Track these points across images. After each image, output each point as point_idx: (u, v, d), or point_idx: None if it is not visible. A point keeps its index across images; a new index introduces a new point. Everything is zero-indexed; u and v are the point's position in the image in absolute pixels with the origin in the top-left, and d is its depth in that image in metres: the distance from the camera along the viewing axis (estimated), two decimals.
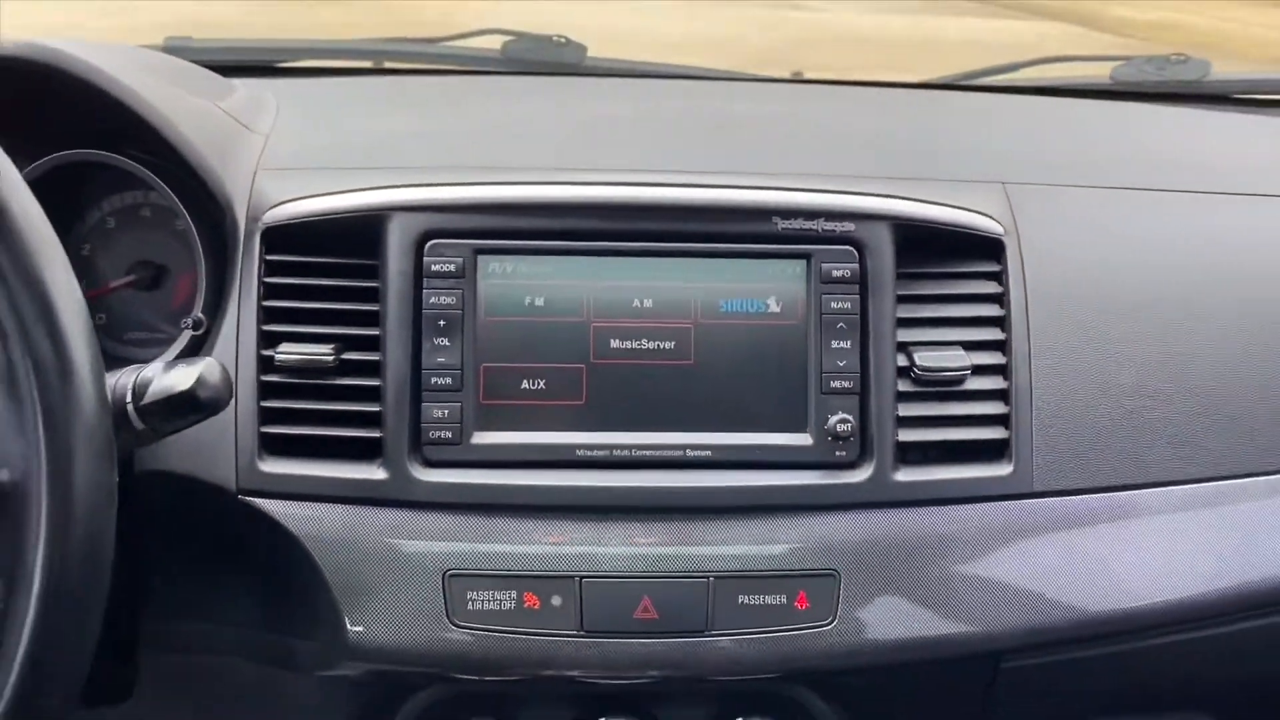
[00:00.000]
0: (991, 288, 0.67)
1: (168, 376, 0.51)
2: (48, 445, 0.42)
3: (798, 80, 1.11)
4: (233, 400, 0.56)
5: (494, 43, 1.08)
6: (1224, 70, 1.13)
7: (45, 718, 0.44)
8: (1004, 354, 0.66)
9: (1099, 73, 1.12)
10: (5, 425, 0.43)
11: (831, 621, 0.62)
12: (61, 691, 0.45)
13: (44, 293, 0.45)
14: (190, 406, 0.51)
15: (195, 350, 0.64)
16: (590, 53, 1.06)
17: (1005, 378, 0.66)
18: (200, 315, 0.63)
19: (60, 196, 0.67)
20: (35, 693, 0.43)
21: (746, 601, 0.61)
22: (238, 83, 0.81)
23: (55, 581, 0.43)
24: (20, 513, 0.43)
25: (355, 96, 0.95)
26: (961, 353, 0.65)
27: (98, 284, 0.70)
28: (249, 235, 0.65)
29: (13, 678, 0.42)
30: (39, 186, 0.49)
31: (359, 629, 0.61)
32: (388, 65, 1.10)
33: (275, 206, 0.65)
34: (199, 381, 0.51)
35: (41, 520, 0.42)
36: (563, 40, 1.05)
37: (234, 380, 0.57)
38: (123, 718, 0.67)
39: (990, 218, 0.68)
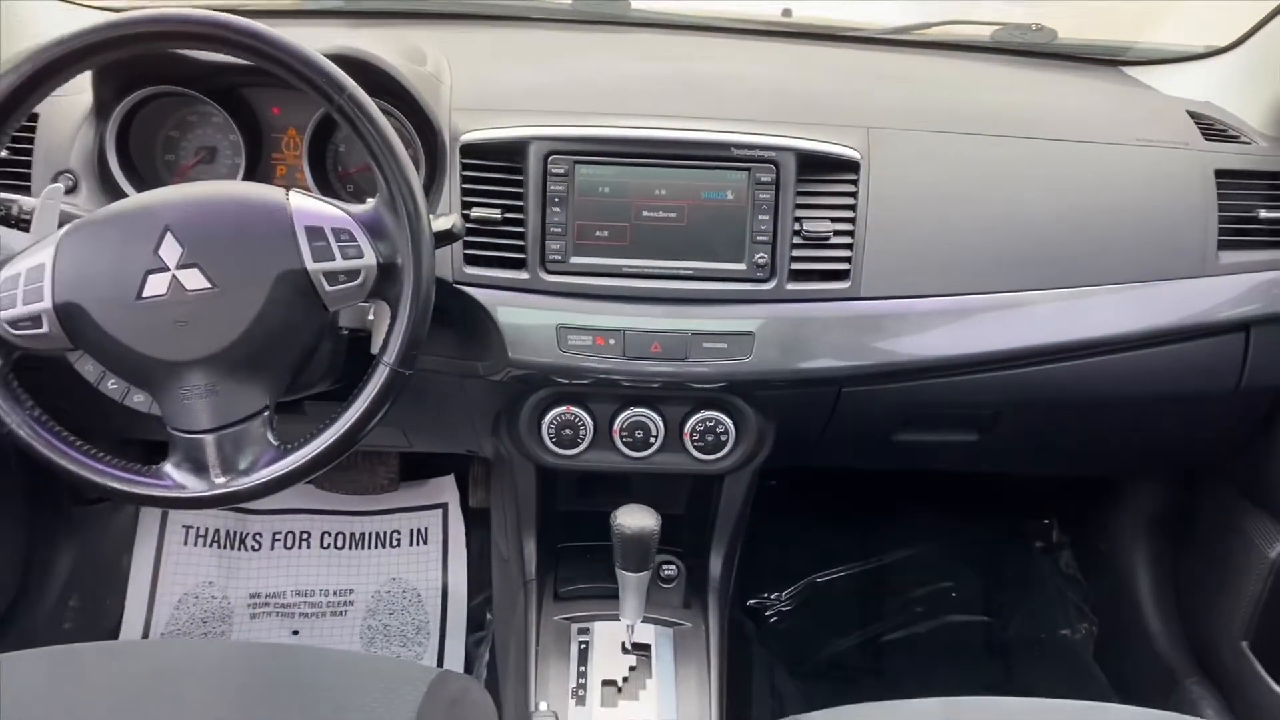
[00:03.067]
0: (850, 189, 1.22)
1: (438, 221, 1.07)
2: (411, 245, 0.99)
3: (771, 31, 1.57)
4: None
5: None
6: (1067, 38, 1.62)
7: (409, 364, 1.01)
8: (852, 226, 1.21)
9: (983, 33, 1.62)
10: (395, 232, 1.00)
11: (749, 358, 1.20)
12: (415, 354, 1.01)
13: (405, 166, 0.99)
14: (450, 236, 1.08)
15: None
16: (632, 5, 1.57)
17: (852, 237, 1.22)
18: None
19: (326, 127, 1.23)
20: (411, 346, 1.00)
21: (707, 345, 1.19)
22: (424, 45, 1.34)
23: (416, 307, 0.99)
24: (399, 279, 1.00)
25: (477, 47, 1.43)
26: (829, 224, 1.21)
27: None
28: (451, 149, 1.20)
29: (404, 340, 0.99)
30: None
31: (514, 354, 1.20)
32: (488, 13, 1.54)
33: (466, 134, 1.20)
34: (455, 225, 1.07)
35: (406, 282, 0.99)
36: None
37: None
38: None
39: (853, 149, 1.22)
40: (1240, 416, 1.37)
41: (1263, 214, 1.29)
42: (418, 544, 1.88)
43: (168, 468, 1.01)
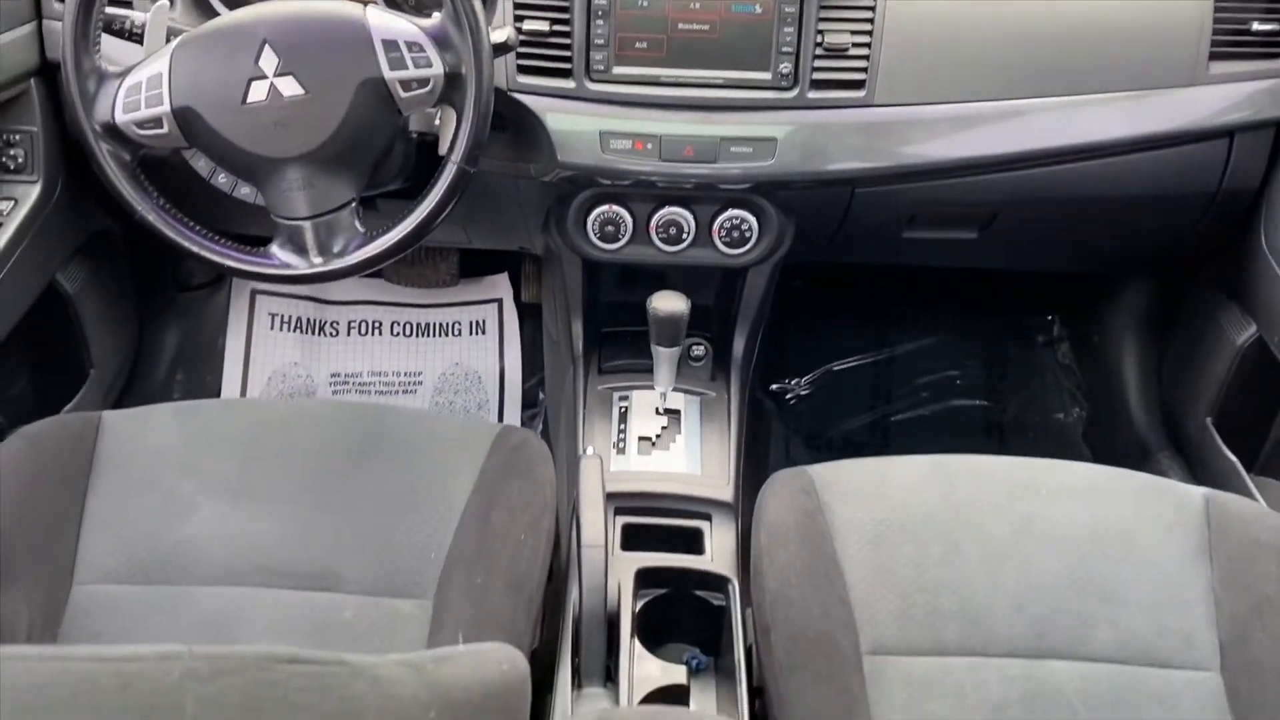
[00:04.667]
0: (869, 4, 1.32)
1: (494, 33, 1.20)
2: (473, 55, 1.13)
3: None
4: None
5: None
6: None
7: (473, 162, 1.17)
8: (870, 38, 1.33)
9: None
10: (459, 43, 1.14)
11: (772, 161, 1.35)
12: (478, 153, 1.17)
13: None
14: (505, 47, 1.22)
15: None
16: None
17: (869, 50, 1.33)
18: None
19: None
20: (475, 145, 1.16)
21: (735, 149, 1.34)
22: None
23: (478, 110, 1.14)
24: (464, 86, 1.15)
25: None
26: (849, 36, 1.32)
27: None
28: None
29: (469, 139, 1.15)
30: None
31: (562, 156, 1.35)
32: None
33: None
34: (510, 37, 1.21)
35: (470, 88, 1.14)
36: None
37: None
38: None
39: None
40: (1220, 217, 1.50)
41: (1256, 26, 1.38)
42: (476, 334, 2.09)
43: (274, 249, 1.20)
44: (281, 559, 1.15)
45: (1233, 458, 1.56)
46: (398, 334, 2.07)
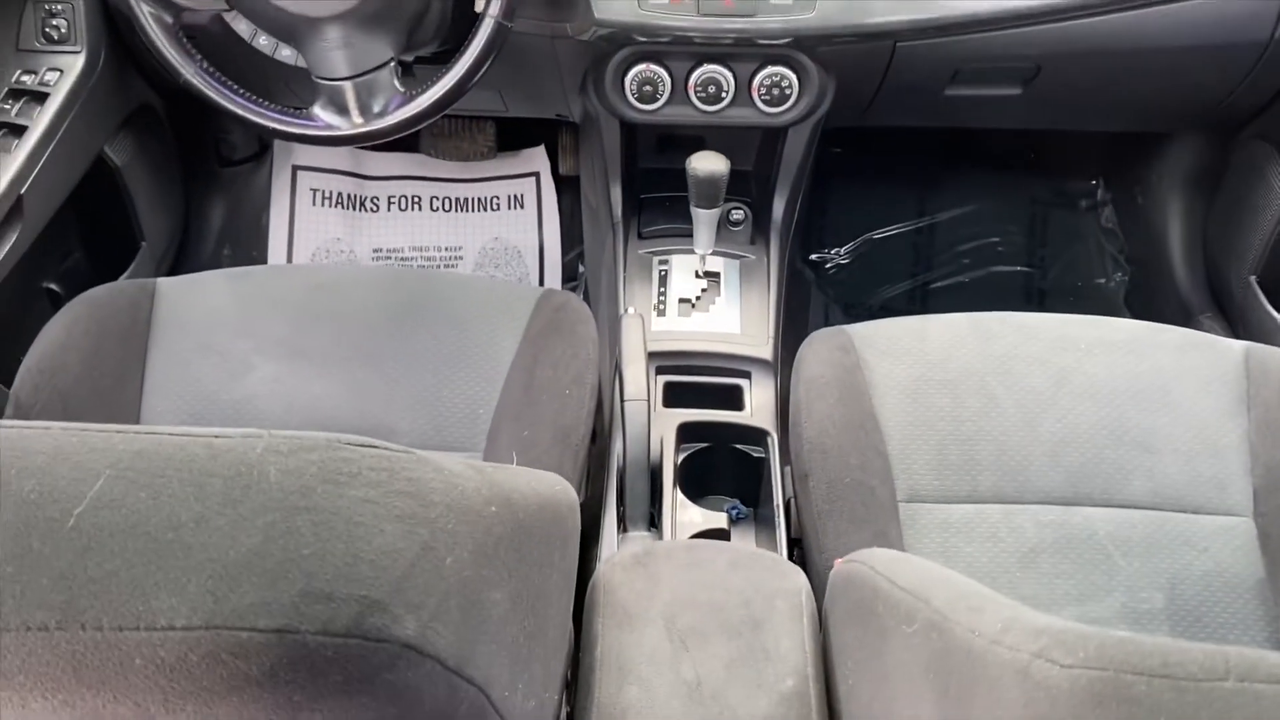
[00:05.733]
0: None
1: None
2: None
3: None
4: None
5: None
6: None
7: (509, 15, 1.17)
8: None
9: None
10: None
11: (813, 13, 1.33)
12: (513, 6, 1.16)
13: None
14: None
15: None
16: None
17: None
18: None
19: None
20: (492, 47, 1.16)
21: (774, 2, 1.31)
22: None
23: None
24: None
25: None
26: None
27: None
28: None
29: (488, 37, 1.15)
30: None
31: (599, 13, 1.33)
32: None
33: None
34: None
35: None
36: None
37: None
38: None
39: None
40: (1271, 67, 1.46)
41: None
42: (515, 208, 2.10)
43: (316, 110, 1.21)
44: (335, 416, 1.20)
45: (1277, 315, 1.55)
46: (437, 209, 2.09)
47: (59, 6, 1.45)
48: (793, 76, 1.41)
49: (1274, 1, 1.38)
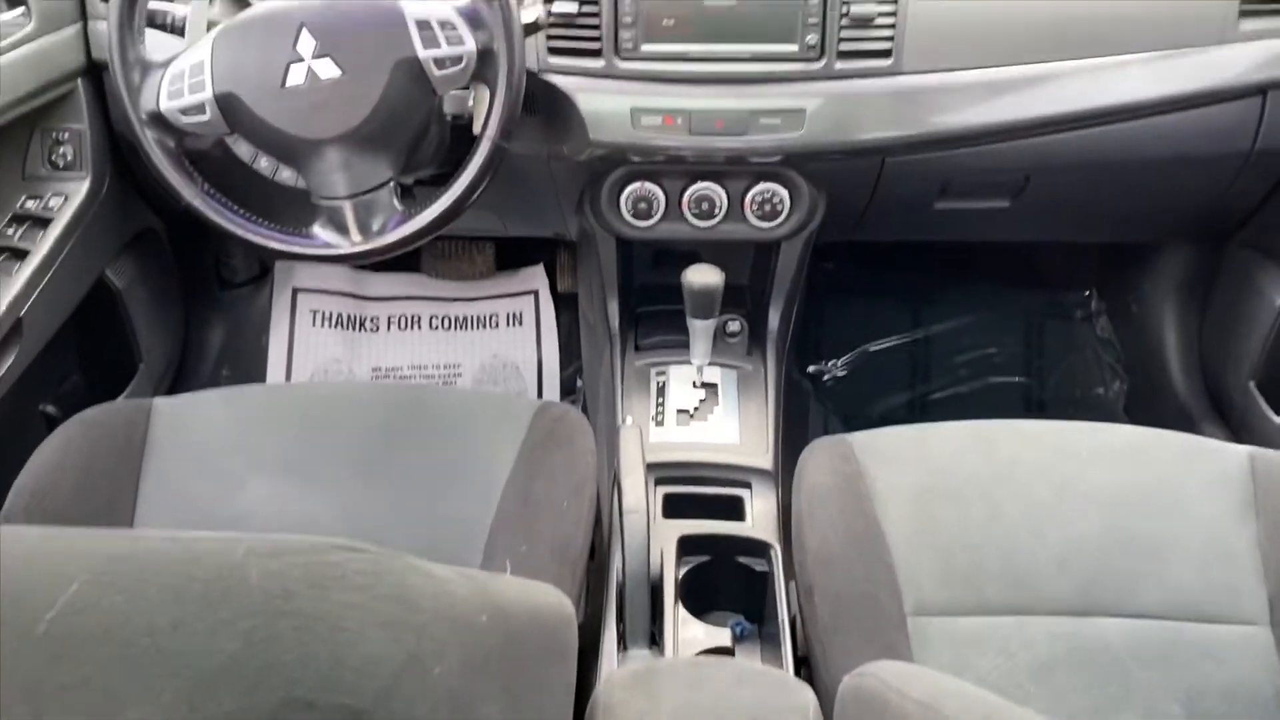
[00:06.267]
0: None
1: (525, 12, 1.23)
2: (505, 32, 1.15)
3: None
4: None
5: None
6: None
7: (506, 137, 1.19)
8: (895, 6, 1.34)
9: None
10: (490, 21, 1.16)
11: (802, 131, 1.36)
12: (511, 129, 1.18)
13: None
14: (535, 26, 1.24)
15: None
16: None
17: (894, 18, 1.34)
18: None
19: None
20: (508, 121, 1.18)
21: (764, 121, 1.35)
22: None
23: (511, 86, 1.15)
24: (495, 62, 1.17)
25: None
26: (874, 6, 1.33)
27: None
28: None
29: (502, 115, 1.17)
30: None
31: (594, 135, 1.37)
32: None
33: None
34: (539, 16, 1.24)
35: (502, 65, 1.17)
36: None
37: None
38: None
39: None
40: (1256, 177, 1.49)
41: None
42: (514, 325, 2.11)
43: (315, 230, 1.22)
44: (329, 532, 1.17)
45: (1278, 420, 1.54)
46: (436, 327, 2.10)
47: (66, 134, 1.49)
48: (784, 192, 1.44)
49: (1254, 112, 1.41)
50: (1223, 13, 1.37)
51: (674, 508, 1.35)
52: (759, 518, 1.35)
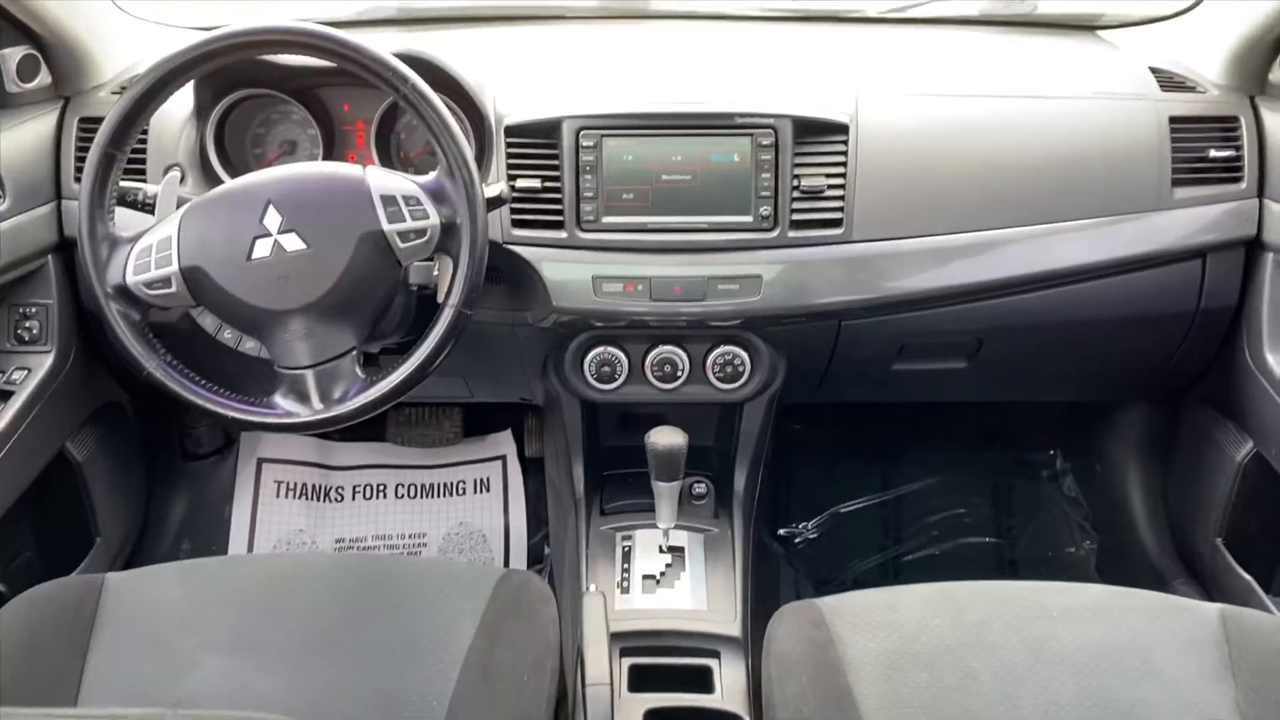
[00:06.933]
0: (841, 148, 1.39)
1: (488, 188, 1.28)
2: (468, 206, 1.18)
3: (778, 17, 1.77)
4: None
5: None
6: (1047, 8, 1.79)
7: (469, 305, 1.21)
8: (844, 180, 1.40)
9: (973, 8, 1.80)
10: (454, 196, 1.20)
11: (759, 297, 1.39)
12: (474, 297, 1.21)
13: (460, 141, 1.18)
14: (499, 201, 1.28)
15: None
16: (651, 2, 1.78)
17: (844, 190, 1.40)
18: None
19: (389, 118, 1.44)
20: (471, 290, 1.20)
21: (722, 287, 1.38)
22: (471, 44, 1.54)
23: (474, 257, 1.18)
24: (459, 235, 1.20)
25: (516, 44, 1.66)
26: (824, 179, 1.39)
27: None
28: (497, 130, 1.40)
29: (465, 285, 1.19)
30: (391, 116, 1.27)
31: (557, 302, 1.39)
32: (526, 15, 1.76)
33: (508, 117, 1.40)
34: (503, 191, 1.28)
35: (465, 236, 1.19)
36: None
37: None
38: None
39: (842, 114, 1.39)
40: (1203, 335, 1.53)
41: (1213, 153, 1.45)
42: (481, 492, 2.09)
43: (277, 398, 1.22)
44: (282, 714, 1.13)
45: (1248, 578, 1.53)
46: (402, 496, 2.08)
47: (33, 309, 1.50)
48: (744, 355, 1.46)
49: (1195, 275, 1.47)
50: (1156, 182, 1.43)
51: (640, 680, 1.31)
52: (728, 688, 1.31)
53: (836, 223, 1.39)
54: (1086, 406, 1.96)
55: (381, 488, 2.08)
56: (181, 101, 1.41)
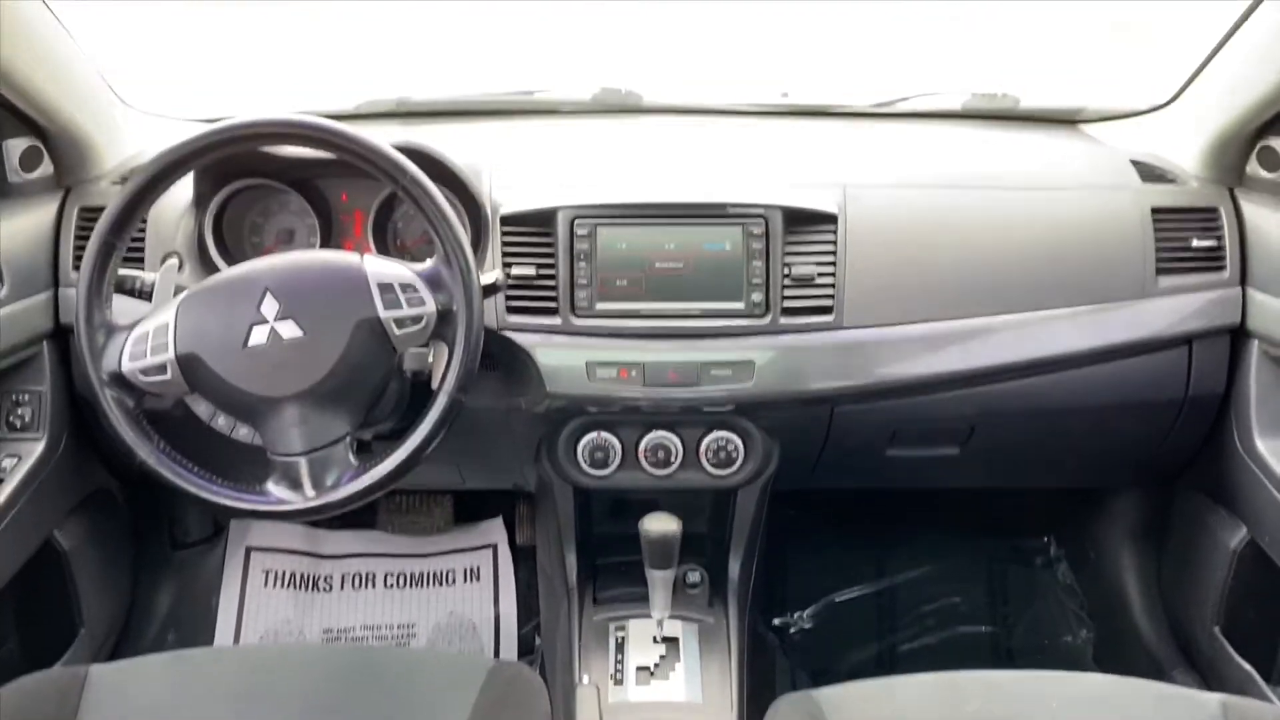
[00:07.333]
0: (830, 237, 1.42)
1: (484, 276, 1.29)
2: (464, 293, 1.19)
3: (767, 112, 1.83)
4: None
5: (585, 94, 1.84)
6: (1029, 103, 1.85)
7: (463, 391, 1.22)
8: (834, 267, 1.42)
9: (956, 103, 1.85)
10: (450, 283, 1.21)
11: (752, 382, 1.40)
12: (468, 384, 1.22)
13: (456, 229, 1.20)
14: (494, 288, 1.30)
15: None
16: (645, 97, 1.83)
17: (834, 278, 1.42)
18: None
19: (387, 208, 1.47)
20: (466, 376, 1.21)
21: (715, 373, 1.39)
22: (468, 136, 1.58)
23: (469, 343, 1.20)
24: (455, 322, 1.21)
25: (513, 136, 1.71)
26: (814, 267, 1.41)
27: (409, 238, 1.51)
28: (493, 219, 1.43)
29: (460, 371, 1.20)
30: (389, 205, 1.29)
31: (551, 387, 1.40)
32: (521, 109, 1.83)
33: (504, 207, 1.43)
34: (498, 279, 1.30)
35: (460, 323, 1.20)
36: (629, 91, 1.82)
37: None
38: None
39: (831, 204, 1.42)
40: (1194, 422, 1.54)
41: (1195, 242, 1.48)
42: (471, 581, 2.07)
43: (269, 486, 1.22)
44: None
45: (1248, 667, 1.51)
46: (391, 585, 2.05)
47: (26, 396, 1.50)
48: (738, 440, 1.47)
49: (1182, 362, 1.48)
50: (1141, 270, 1.46)
51: None
52: None
53: (827, 309, 1.40)
54: (1079, 492, 1.96)
55: (371, 576, 2.06)
56: (181, 190, 1.43)
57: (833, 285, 1.41)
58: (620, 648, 1.47)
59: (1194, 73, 1.59)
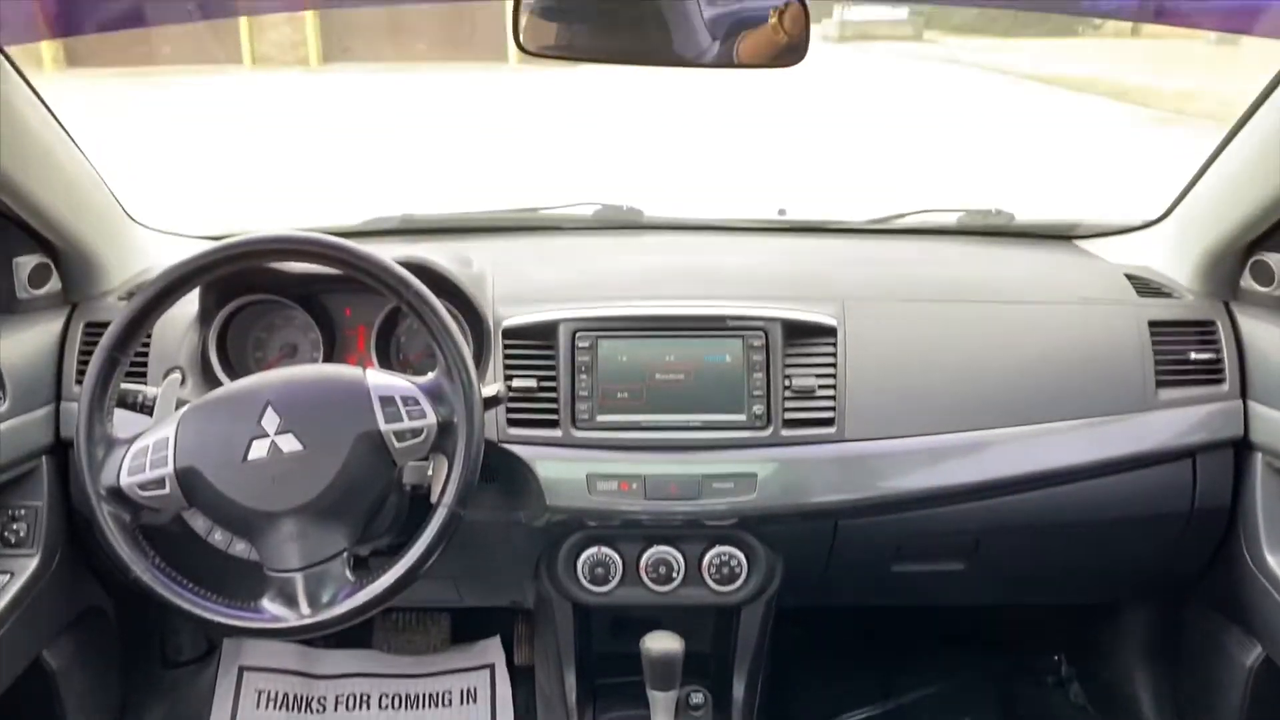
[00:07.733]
0: (830, 350, 1.43)
1: (485, 388, 1.29)
2: (465, 406, 1.20)
3: (765, 228, 1.87)
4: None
5: (587, 210, 1.88)
6: (1023, 219, 1.88)
7: (463, 505, 1.21)
8: (834, 380, 1.43)
9: (952, 219, 1.88)
10: (451, 396, 1.21)
11: (754, 495, 1.39)
12: (467, 497, 1.20)
13: (459, 343, 1.21)
14: (495, 400, 1.30)
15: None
16: (645, 214, 1.86)
17: (835, 390, 1.42)
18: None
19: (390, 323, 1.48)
20: (465, 489, 1.20)
21: (716, 485, 1.38)
22: (470, 252, 1.60)
23: (469, 456, 1.19)
24: (455, 434, 1.21)
25: (515, 252, 1.73)
26: (814, 379, 1.42)
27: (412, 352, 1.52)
28: (495, 332, 1.44)
29: (459, 484, 1.19)
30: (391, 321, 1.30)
31: (551, 501, 1.39)
32: (524, 225, 1.88)
33: (506, 320, 1.44)
34: (500, 391, 1.30)
35: (461, 436, 1.20)
36: (630, 208, 1.86)
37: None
38: None
39: (830, 317, 1.44)
40: (1201, 536, 1.52)
41: (1193, 355, 1.49)
42: (468, 702, 2.01)
43: (264, 603, 1.19)
44: None
45: None
46: (386, 706, 2.00)
47: (21, 511, 1.48)
48: (741, 555, 1.45)
49: (1186, 475, 1.47)
50: (1141, 383, 1.47)
51: None
52: None
53: (829, 421, 1.40)
54: (1089, 608, 1.92)
55: (365, 697, 2.00)
56: (185, 305, 1.44)
57: (833, 397, 1.41)
58: None
59: (1184, 189, 1.63)
